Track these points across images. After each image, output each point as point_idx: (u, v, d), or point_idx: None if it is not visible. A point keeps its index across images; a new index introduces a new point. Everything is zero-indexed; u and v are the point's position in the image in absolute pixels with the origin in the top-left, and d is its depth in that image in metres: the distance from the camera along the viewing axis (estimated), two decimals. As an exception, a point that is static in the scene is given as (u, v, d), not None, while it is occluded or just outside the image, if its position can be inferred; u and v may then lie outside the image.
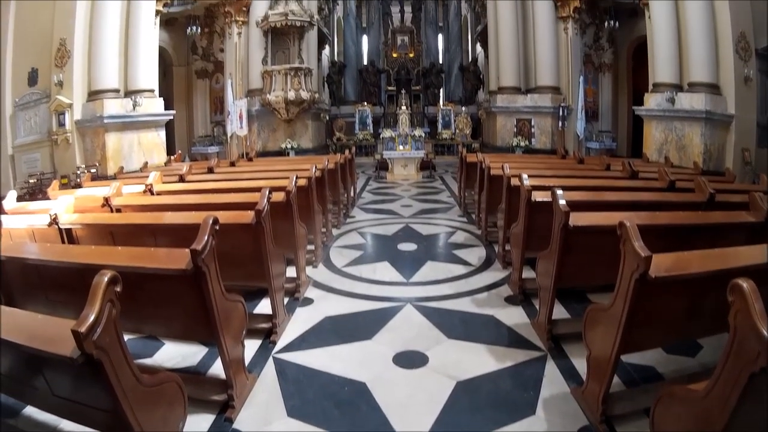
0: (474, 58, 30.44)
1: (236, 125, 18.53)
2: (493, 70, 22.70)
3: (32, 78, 15.40)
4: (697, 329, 4.45)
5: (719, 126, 13.88)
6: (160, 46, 18.01)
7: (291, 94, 19.86)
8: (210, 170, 11.52)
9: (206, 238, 3.96)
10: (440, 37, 33.09)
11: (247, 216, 5.43)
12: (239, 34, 20.81)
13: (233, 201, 6.62)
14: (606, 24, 20.98)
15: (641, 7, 16.66)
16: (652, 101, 15.27)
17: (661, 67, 15.19)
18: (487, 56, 25.14)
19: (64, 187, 11.40)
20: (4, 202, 7.12)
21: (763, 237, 4.93)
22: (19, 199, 8.27)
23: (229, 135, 19.19)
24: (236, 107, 18.68)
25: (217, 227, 4.16)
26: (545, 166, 11.49)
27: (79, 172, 13.61)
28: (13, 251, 4.79)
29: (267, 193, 5.65)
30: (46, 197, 9.93)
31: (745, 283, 2.66)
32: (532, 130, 20.45)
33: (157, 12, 16.92)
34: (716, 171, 12.82)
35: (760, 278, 2.90)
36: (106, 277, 2.82)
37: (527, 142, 20.12)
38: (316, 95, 21.61)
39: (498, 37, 21.86)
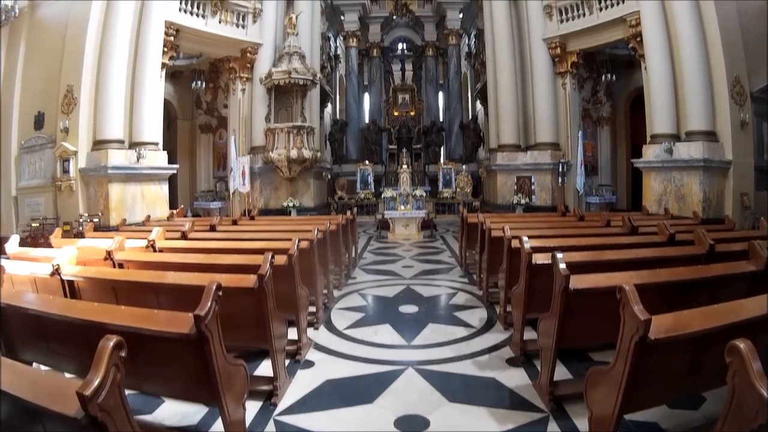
0: (474, 115, 30.90)
1: (239, 182, 18.69)
2: (493, 127, 22.96)
3: (38, 122, 15.75)
4: (700, 384, 4.44)
5: (717, 173, 14.19)
6: (165, 99, 18.42)
7: (293, 153, 20.01)
8: (212, 228, 11.57)
9: (209, 303, 3.98)
10: (441, 94, 33.69)
11: (250, 280, 5.45)
12: (243, 90, 21.12)
13: (236, 263, 6.64)
14: (603, 77, 21.41)
15: (637, 59, 17.12)
16: (651, 153, 15.58)
17: (658, 118, 15.58)
18: (487, 113, 25.49)
19: (66, 234, 11.49)
20: (7, 246, 7.17)
21: (763, 285, 4.96)
22: (22, 242, 8.32)
23: (231, 191, 19.37)
24: (239, 164, 18.88)
25: (220, 293, 4.19)
26: (546, 225, 11.53)
27: (81, 220, 13.78)
28: (16, 300, 4.83)
29: (270, 257, 5.68)
30: (48, 242, 10.00)
31: (742, 344, 2.71)
32: (533, 187, 20.59)
33: (163, 65, 17.44)
34: (716, 218, 13.07)
35: (761, 329, 2.94)
36: (111, 342, 2.84)
37: (528, 200, 20.25)
38: (318, 154, 21.79)
39: (497, 95, 22.20)
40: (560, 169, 19.67)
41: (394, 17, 33.56)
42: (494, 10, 22.51)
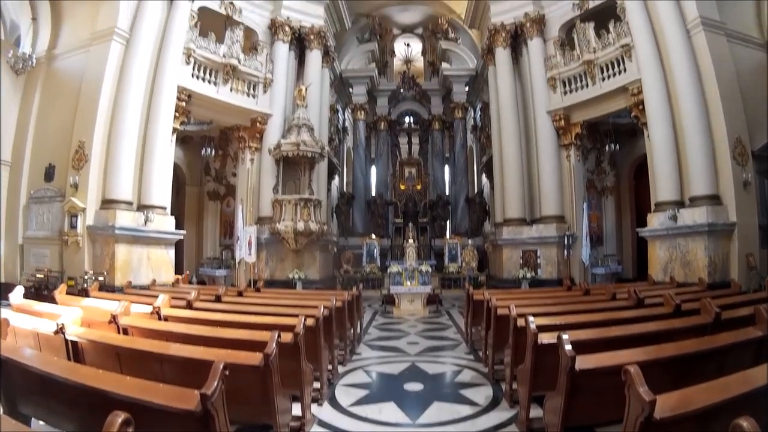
0: (480, 189, 31.12)
1: (245, 252, 18.73)
2: (499, 201, 23.19)
3: (48, 174, 16.03)
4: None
5: (722, 235, 14.26)
6: (174, 163, 18.73)
7: (300, 225, 20.17)
8: (218, 299, 11.55)
9: (216, 383, 3.99)
10: (447, 168, 34.01)
11: (256, 358, 5.44)
12: (252, 160, 21.47)
13: (241, 338, 6.62)
14: (607, 148, 21.68)
15: (640, 126, 17.47)
16: (655, 221, 15.74)
17: (662, 185, 15.84)
18: (492, 187, 25.66)
19: (70, 289, 11.50)
20: (11, 296, 7.19)
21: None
22: (26, 292, 8.33)
23: (237, 260, 19.44)
24: (246, 233, 18.95)
25: (227, 372, 4.19)
26: (551, 301, 11.48)
27: (86, 277, 13.85)
28: (20, 356, 4.85)
29: (276, 336, 5.69)
30: (52, 296, 9.98)
31: (745, 422, 2.71)
32: (538, 260, 20.56)
33: (174, 129, 17.80)
34: (723, 282, 13.10)
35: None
36: (120, 418, 2.85)
37: (533, 273, 20.19)
38: (325, 227, 21.96)
39: (503, 169, 22.48)
40: (565, 242, 19.70)
41: (402, 90, 34.36)
42: (499, 83, 23.02)
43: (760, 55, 16.07)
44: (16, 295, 7.36)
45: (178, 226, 18.00)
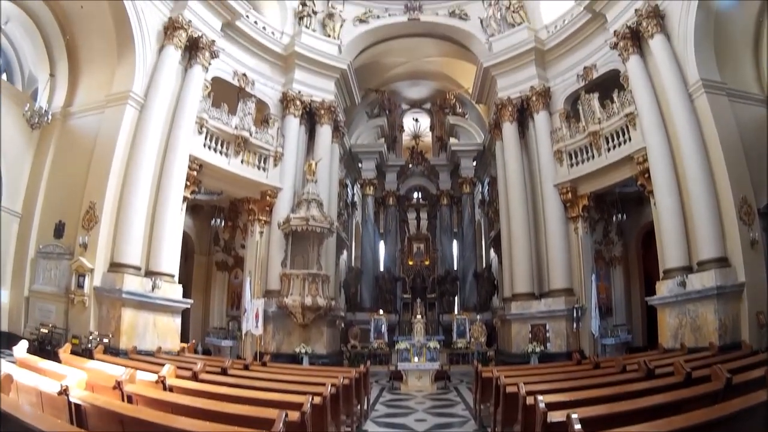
0: (488, 263, 31.11)
1: (252, 324, 18.61)
2: (507, 276, 23.17)
3: (58, 230, 16.17)
4: None
5: (731, 297, 14.14)
6: (183, 232, 18.87)
7: (308, 300, 20.13)
8: (224, 371, 11.44)
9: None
10: (455, 243, 33.97)
11: (262, 438, 5.38)
12: (261, 233, 21.67)
13: (248, 414, 6.53)
14: (614, 218, 21.72)
15: (646, 195, 17.59)
16: (664, 288, 15.70)
17: (669, 252, 15.91)
18: (500, 261, 25.60)
19: (74, 348, 11.45)
20: (15, 349, 7.15)
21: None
22: (29, 346, 8.30)
23: (243, 332, 19.33)
24: (253, 306, 18.87)
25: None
26: (561, 376, 11.32)
27: (91, 338, 13.84)
28: (22, 414, 4.80)
29: (283, 416, 5.62)
30: (55, 351, 9.96)
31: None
32: (547, 334, 20.35)
33: (185, 198, 18.02)
34: (734, 343, 13.04)
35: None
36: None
37: (542, 347, 19.94)
38: (333, 302, 21.97)
39: (511, 243, 22.60)
40: (574, 315, 19.50)
41: (410, 166, 34.71)
42: (506, 158, 23.38)
43: (760, 110, 16.22)
44: (20, 349, 7.34)
45: (186, 294, 17.98)
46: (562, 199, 21.28)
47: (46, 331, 14.62)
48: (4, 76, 18.78)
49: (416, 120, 36.10)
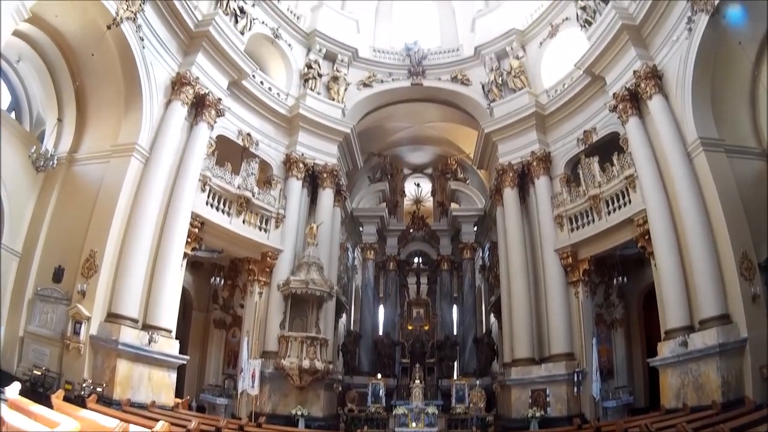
0: (488, 329, 30.90)
1: (248, 383, 18.48)
2: (507, 341, 23.02)
3: (57, 275, 16.02)
4: None
5: (734, 353, 13.98)
6: (183, 287, 18.78)
7: (306, 363, 19.93)
8: (218, 431, 11.30)
9: None
10: (455, 308, 33.77)
11: None
12: (260, 293, 21.52)
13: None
14: (615, 281, 21.50)
15: (647, 256, 17.59)
16: (666, 349, 15.59)
17: (671, 312, 15.85)
18: (500, 326, 25.45)
19: (67, 393, 11.32)
20: (7, 390, 7.06)
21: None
22: (21, 387, 8.19)
23: (239, 391, 19.08)
24: (250, 366, 18.79)
25: None
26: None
27: (85, 385, 13.70)
28: None
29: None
30: (47, 395, 9.83)
31: None
32: (548, 399, 19.99)
33: (185, 254, 18.01)
34: (737, 399, 12.90)
35: None
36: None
37: (543, 412, 19.57)
38: (331, 366, 21.80)
39: (511, 308, 22.53)
40: (575, 379, 19.22)
41: (411, 231, 34.84)
42: (507, 224, 23.52)
43: (758, 163, 16.35)
44: (13, 390, 7.24)
45: (182, 349, 17.86)
46: (563, 263, 21.25)
47: (39, 373, 14.44)
48: (12, 114, 19.04)
49: (418, 185, 36.39)
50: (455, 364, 31.70)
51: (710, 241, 15.17)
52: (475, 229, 33.26)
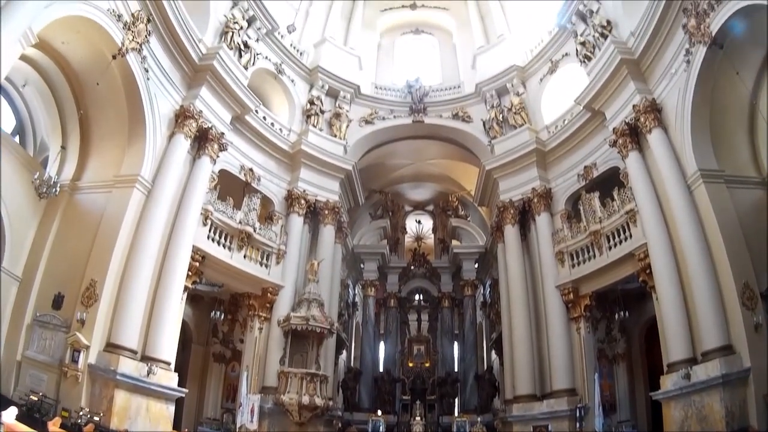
0: (489, 365, 30.69)
1: (247, 418, 18.31)
2: (509, 377, 22.91)
3: (56, 302, 15.89)
4: None
5: (737, 383, 13.87)
6: (183, 320, 18.72)
7: (305, 399, 19.79)
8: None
9: None
10: (456, 344, 33.57)
11: None
12: (260, 329, 21.41)
13: None
14: (616, 315, 21.38)
15: (648, 290, 17.54)
16: (669, 382, 15.50)
17: (673, 345, 15.81)
18: (502, 363, 25.32)
19: (64, 420, 11.29)
20: (4, 414, 7.03)
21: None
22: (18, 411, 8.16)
23: (238, 426, 18.81)
24: (249, 401, 18.65)
25: None
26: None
27: (81, 414, 13.53)
28: None
29: None
30: (44, 422, 9.85)
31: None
32: (549, 434, 19.86)
33: (185, 287, 18.00)
34: (741, 429, 12.92)
35: None
36: None
37: (545, 448, 19.46)
38: (331, 402, 21.68)
39: (512, 345, 22.47)
40: (577, 414, 19.00)
41: (412, 268, 34.80)
42: (508, 261, 23.52)
43: (758, 192, 16.34)
44: (10, 414, 7.23)
45: (181, 382, 17.70)
46: (564, 299, 21.16)
47: (36, 399, 14.30)
48: (16, 139, 19.08)
49: (419, 222, 36.51)
50: (456, 400, 31.52)
51: (711, 272, 15.15)
52: (476, 265, 33.29)
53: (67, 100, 17.50)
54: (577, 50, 21.43)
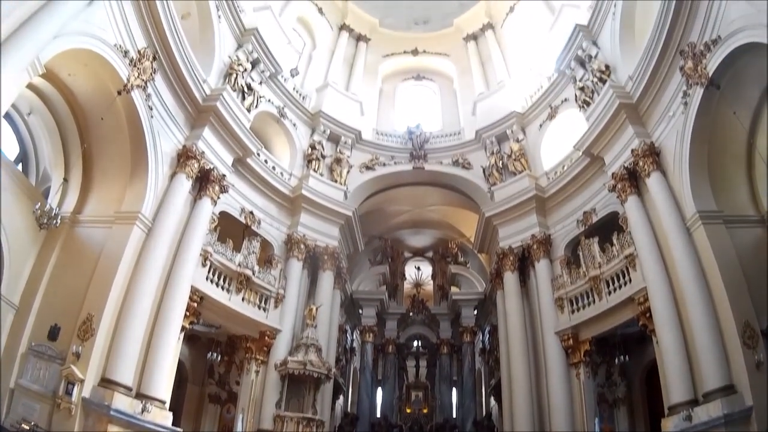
0: (488, 412, 30.38)
1: (242, 461, 18.09)
2: (507, 424, 22.68)
3: (52, 333, 15.72)
4: None
5: (740, 422, 13.73)
6: (179, 359, 18.62)
7: (301, 444, 19.54)
8: None
9: None
10: (454, 391, 33.33)
11: None
12: (257, 372, 21.13)
13: None
14: (616, 360, 21.25)
15: (648, 334, 17.40)
16: (670, 425, 15.33)
17: (674, 387, 15.65)
18: (501, 409, 25.02)
19: None
20: None
21: None
22: None
23: (232, 467, 18.64)
24: (245, 444, 18.39)
25: None
26: None
27: None
28: None
29: None
30: None
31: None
32: (549, 481, 19.58)
33: (183, 327, 17.90)
34: None
35: None
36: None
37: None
38: (327, 448, 21.31)
39: (511, 392, 22.19)
40: (577, 461, 18.84)
41: (411, 314, 34.69)
42: (508, 307, 23.44)
43: (757, 230, 16.34)
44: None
45: (176, 421, 17.42)
46: (564, 345, 20.99)
47: (28, 428, 14.17)
48: (19, 166, 19.20)
49: (418, 268, 36.58)
50: (455, 448, 31.16)
51: (711, 313, 15.08)
52: (476, 312, 33.21)
53: (71, 133, 17.57)
54: (576, 95, 21.74)
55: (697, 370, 15.20)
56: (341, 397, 29.57)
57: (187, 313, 18.21)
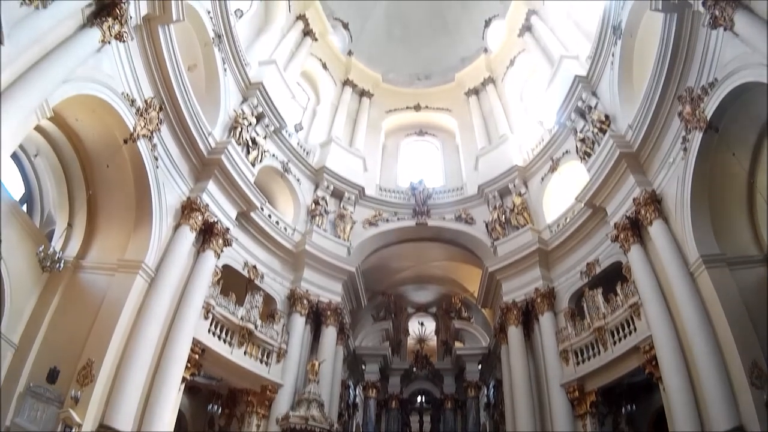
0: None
1: None
2: (514, 479, 22.18)
3: (51, 376, 15.49)
4: None
5: None
6: (179, 410, 18.45)
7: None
8: None
9: None
10: (459, 448, 32.68)
11: None
12: (258, 426, 20.82)
13: None
14: (623, 409, 20.83)
15: (655, 381, 17.16)
16: None
17: None
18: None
19: None
20: None
21: None
22: None
23: None
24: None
25: None
26: None
27: None
28: None
29: None
30: None
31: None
32: None
33: (184, 379, 17.69)
34: None
35: None
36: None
37: None
38: (329, 503, 21.00)
39: (518, 447, 21.70)
40: None
41: (415, 369, 34.38)
42: (512, 361, 23.22)
43: (761, 270, 16.22)
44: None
45: (174, 478, 17.20)
46: (570, 397, 20.71)
47: None
48: (24, 207, 19.17)
49: (421, 324, 36.49)
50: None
51: (718, 356, 14.94)
52: (480, 367, 32.94)
53: (76, 177, 17.69)
54: (577, 147, 22.01)
55: (706, 414, 15.00)
56: (344, 452, 29.13)
57: (189, 365, 18.05)
